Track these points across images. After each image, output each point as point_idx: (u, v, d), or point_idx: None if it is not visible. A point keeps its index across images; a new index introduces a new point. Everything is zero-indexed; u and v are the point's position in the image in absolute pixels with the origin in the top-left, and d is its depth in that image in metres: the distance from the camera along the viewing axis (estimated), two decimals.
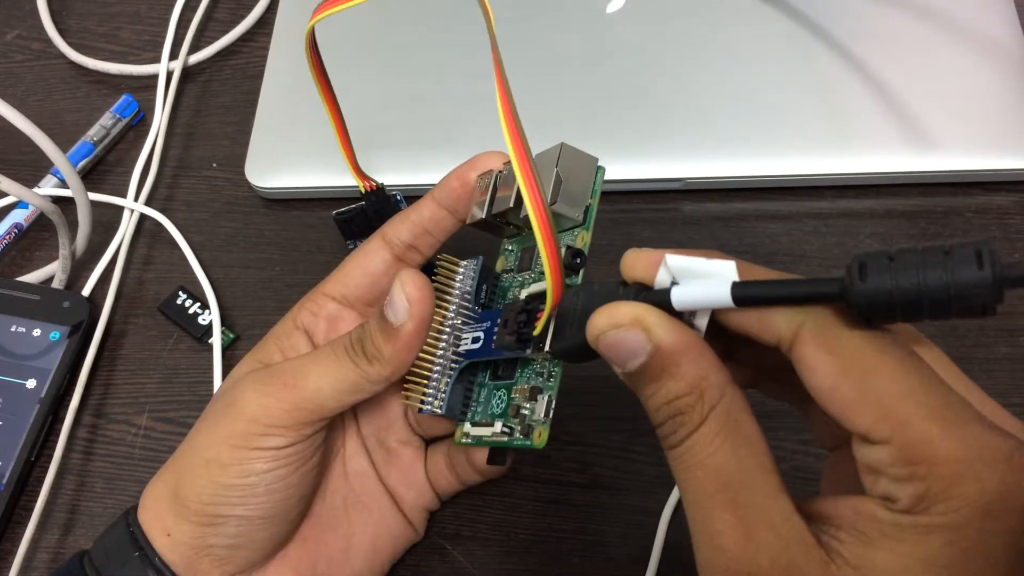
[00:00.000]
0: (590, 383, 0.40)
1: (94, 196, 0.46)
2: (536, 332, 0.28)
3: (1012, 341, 0.40)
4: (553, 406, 0.29)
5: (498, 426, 0.30)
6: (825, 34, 0.47)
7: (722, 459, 0.22)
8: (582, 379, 0.40)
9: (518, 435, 0.30)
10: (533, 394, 0.30)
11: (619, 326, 0.23)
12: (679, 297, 0.23)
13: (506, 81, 0.25)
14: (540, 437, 0.29)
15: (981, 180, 0.43)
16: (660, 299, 0.24)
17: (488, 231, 0.33)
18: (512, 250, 0.33)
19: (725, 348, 0.27)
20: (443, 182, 0.33)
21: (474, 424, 0.32)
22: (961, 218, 0.43)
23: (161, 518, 0.31)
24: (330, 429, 0.34)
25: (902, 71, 0.45)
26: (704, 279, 0.23)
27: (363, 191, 0.39)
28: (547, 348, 0.28)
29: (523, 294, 0.31)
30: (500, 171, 0.31)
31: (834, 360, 0.21)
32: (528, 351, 0.29)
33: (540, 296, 0.29)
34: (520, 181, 0.25)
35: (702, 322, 0.24)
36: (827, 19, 0.47)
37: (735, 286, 0.22)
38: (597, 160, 0.29)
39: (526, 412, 0.30)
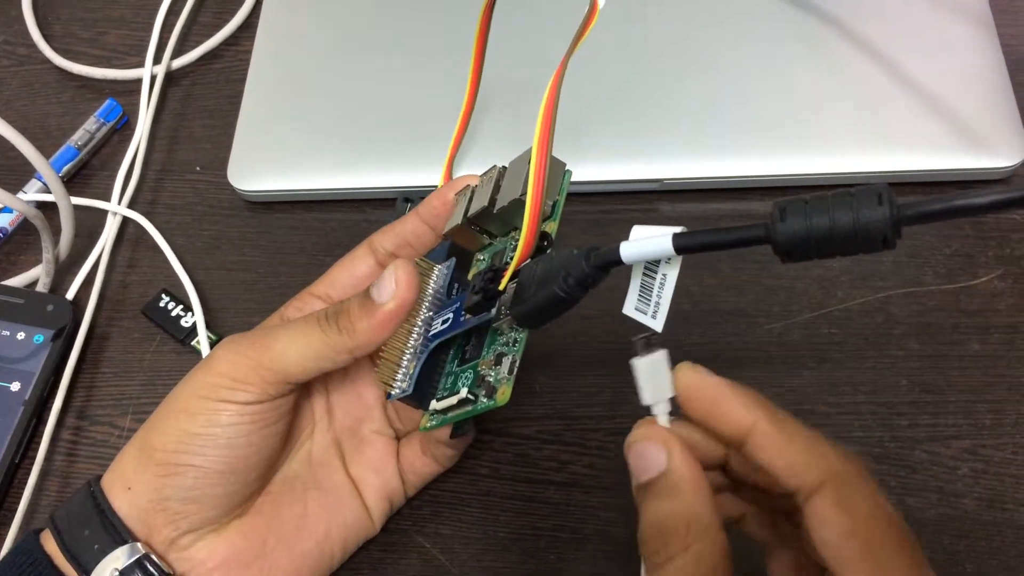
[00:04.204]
0: (568, 382, 0.41)
1: (77, 200, 0.46)
2: (502, 286, 0.30)
3: (984, 338, 0.41)
4: (517, 365, 0.31)
5: (463, 392, 0.31)
6: (800, 36, 0.47)
7: None
8: (560, 378, 0.41)
9: (482, 399, 0.31)
10: (498, 359, 0.31)
11: (649, 439, 0.27)
12: (627, 250, 0.26)
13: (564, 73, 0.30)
14: (503, 395, 0.30)
15: (954, 179, 0.44)
16: (610, 255, 0.26)
17: (463, 242, 0.35)
18: (483, 259, 0.35)
19: (733, 482, 0.31)
20: (426, 201, 0.36)
21: (439, 400, 0.33)
22: None
23: (124, 474, 0.33)
24: (300, 414, 0.36)
25: (876, 72, 0.45)
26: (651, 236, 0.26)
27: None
28: (509, 310, 0.30)
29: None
30: (476, 185, 0.34)
31: (845, 520, 0.25)
32: (493, 310, 0.30)
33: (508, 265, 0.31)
34: (535, 143, 0.30)
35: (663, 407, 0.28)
36: (800, 22, 0.47)
37: (675, 237, 0.25)
38: (565, 164, 0.32)
39: (490, 378, 0.31)
